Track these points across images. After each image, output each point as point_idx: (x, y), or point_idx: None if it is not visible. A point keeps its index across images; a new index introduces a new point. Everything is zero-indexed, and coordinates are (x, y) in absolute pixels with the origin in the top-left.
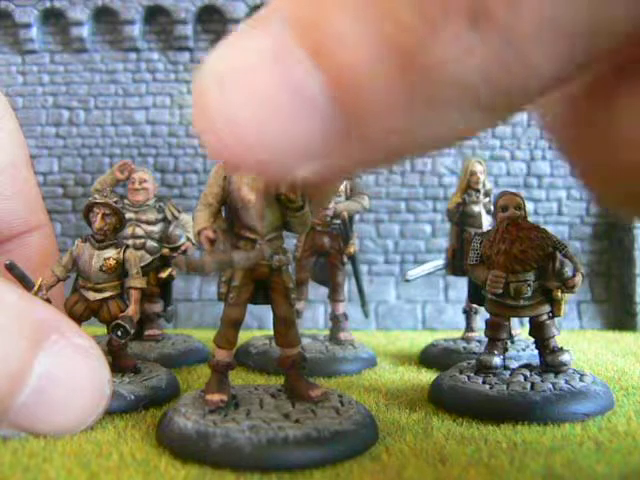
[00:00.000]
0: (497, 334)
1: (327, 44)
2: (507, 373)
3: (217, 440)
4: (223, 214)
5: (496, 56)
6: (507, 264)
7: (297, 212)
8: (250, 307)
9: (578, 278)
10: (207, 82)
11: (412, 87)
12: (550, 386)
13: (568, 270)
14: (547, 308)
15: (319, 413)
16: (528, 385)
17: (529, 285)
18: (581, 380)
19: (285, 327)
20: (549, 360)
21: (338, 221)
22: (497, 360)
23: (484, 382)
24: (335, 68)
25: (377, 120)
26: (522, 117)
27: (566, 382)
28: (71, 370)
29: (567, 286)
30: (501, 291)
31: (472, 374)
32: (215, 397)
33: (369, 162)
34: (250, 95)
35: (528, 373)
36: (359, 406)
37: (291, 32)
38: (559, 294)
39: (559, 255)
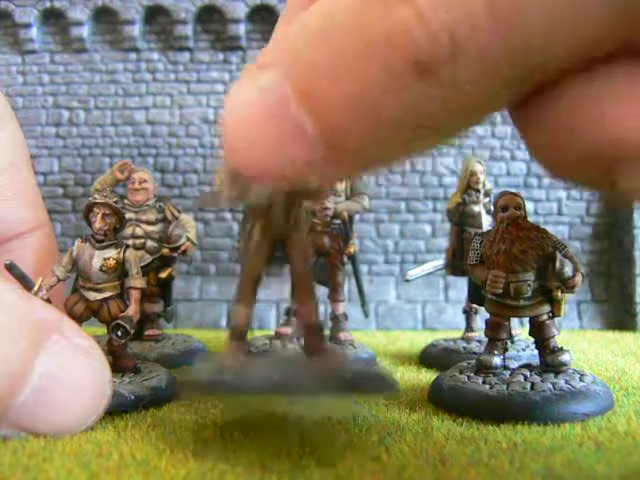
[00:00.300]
0: (497, 334)
1: (317, 107)
2: (507, 373)
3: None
4: None
5: (440, 99)
6: (507, 264)
7: None
8: None
9: (578, 278)
10: (226, 111)
11: (378, 132)
12: (550, 386)
13: (568, 270)
14: (547, 308)
15: None
16: (528, 385)
17: (529, 285)
18: (581, 380)
19: (300, 283)
20: (549, 360)
21: (338, 221)
22: (497, 360)
23: (484, 382)
24: (322, 122)
25: (350, 152)
26: None
27: (566, 382)
28: (72, 370)
29: (567, 286)
30: (501, 291)
31: (472, 374)
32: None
33: (347, 173)
34: (255, 124)
35: (528, 373)
36: None
37: (292, 88)
38: (559, 294)
39: (559, 255)
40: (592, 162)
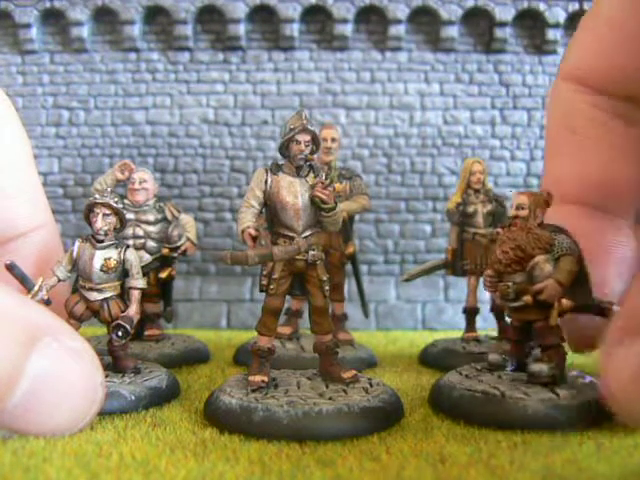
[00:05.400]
0: (513, 336)
1: None
2: (506, 375)
3: (259, 414)
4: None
5: None
6: (493, 265)
7: (329, 213)
8: (251, 307)
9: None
10: (610, 372)
11: None
12: (547, 390)
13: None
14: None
15: (350, 392)
16: (527, 389)
17: (509, 287)
18: (577, 381)
19: (320, 316)
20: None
21: None
22: (500, 359)
23: (480, 386)
24: None
25: None
26: (522, 117)
27: (562, 383)
28: (63, 373)
29: (535, 291)
30: (494, 290)
31: (471, 376)
32: (257, 378)
33: None
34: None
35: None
36: (386, 387)
37: None
38: (529, 298)
39: (537, 258)
40: None
